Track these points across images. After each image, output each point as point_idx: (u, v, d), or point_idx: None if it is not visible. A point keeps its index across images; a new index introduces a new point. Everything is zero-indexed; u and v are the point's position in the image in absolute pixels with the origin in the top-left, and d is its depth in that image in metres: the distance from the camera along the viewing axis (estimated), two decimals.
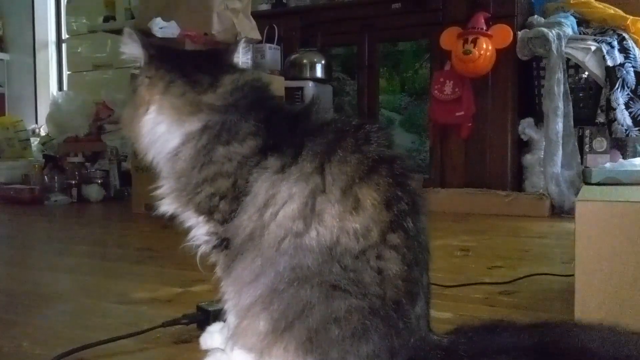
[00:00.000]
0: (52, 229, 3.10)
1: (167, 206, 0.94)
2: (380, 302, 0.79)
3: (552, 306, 1.42)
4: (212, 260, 0.94)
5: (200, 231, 0.92)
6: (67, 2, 5.59)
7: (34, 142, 5.12)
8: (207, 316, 1.16)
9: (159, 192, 0.95)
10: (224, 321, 0.96)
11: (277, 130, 0.89)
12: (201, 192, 0.89)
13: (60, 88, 5.78)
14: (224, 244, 0.89)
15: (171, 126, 0.92)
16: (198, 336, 1.08)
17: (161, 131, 0.93)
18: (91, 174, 4.27)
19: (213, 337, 1.05)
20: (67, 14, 5.54)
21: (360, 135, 0.86)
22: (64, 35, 5.72)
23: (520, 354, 0.81)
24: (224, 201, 0.88)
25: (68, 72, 5.55)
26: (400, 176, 0.85)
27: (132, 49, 0.97)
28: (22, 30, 5.77)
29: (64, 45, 5.75)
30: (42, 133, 5.30)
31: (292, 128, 0.89)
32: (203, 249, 0.93)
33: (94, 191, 4.13)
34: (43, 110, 5.45)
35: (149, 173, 1.00)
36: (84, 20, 5.15)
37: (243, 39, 1.05)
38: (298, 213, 0.81)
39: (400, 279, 0.81)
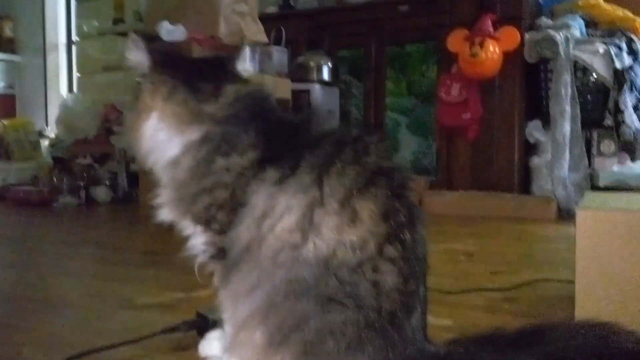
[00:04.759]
0: (59, 231, 3.12)
1: (165, 215, 0.95)
2: (376, 315, 0.79)
3: (554, 313, 1.41)
4: (209, 269, 0.94)
5: (197, 241, 0.93)
6: (77, 4, 5.63)
7: (44, 143, 5.15)
8: (206, 323, 1.16)
9: (157, 200, 0.96)
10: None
11: (277, 142, 0.89)
12: (199, 202, 0.90)
13: (70, 90, 5.82)
14: (221, 254, 0.90)
15: (171, 134, 0.93)
16: (198, 343, 1.08)
17: (161, 138, 0.93)
18: (100, 176, 4.29)
19: (212, 344, 1.04)
20: (77, 16, 5.58)
21: (359, 147, 0.86)
22: (74, 38, 5.76)
23: None
24: (222, 212, 0.88)
25: (78, 75, 5.59)
26: (398, 188, 0.85)
27: (136, 55, 0.98)
28: (33, 32, 5.81)
29: (74, 48, 5.79)
30: (51, 135, 5.33)
31: (291, 140, 0.89)
32: (200, 258, 0.93)
33: (102, 193, 4.15)
34: (53, 112, 5.48)
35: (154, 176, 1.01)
36: (94, 23, 5.18)
37: (246, 45, 1.06)
38: (296, 225, 0.81)
39: (397, 291, 0.80)
